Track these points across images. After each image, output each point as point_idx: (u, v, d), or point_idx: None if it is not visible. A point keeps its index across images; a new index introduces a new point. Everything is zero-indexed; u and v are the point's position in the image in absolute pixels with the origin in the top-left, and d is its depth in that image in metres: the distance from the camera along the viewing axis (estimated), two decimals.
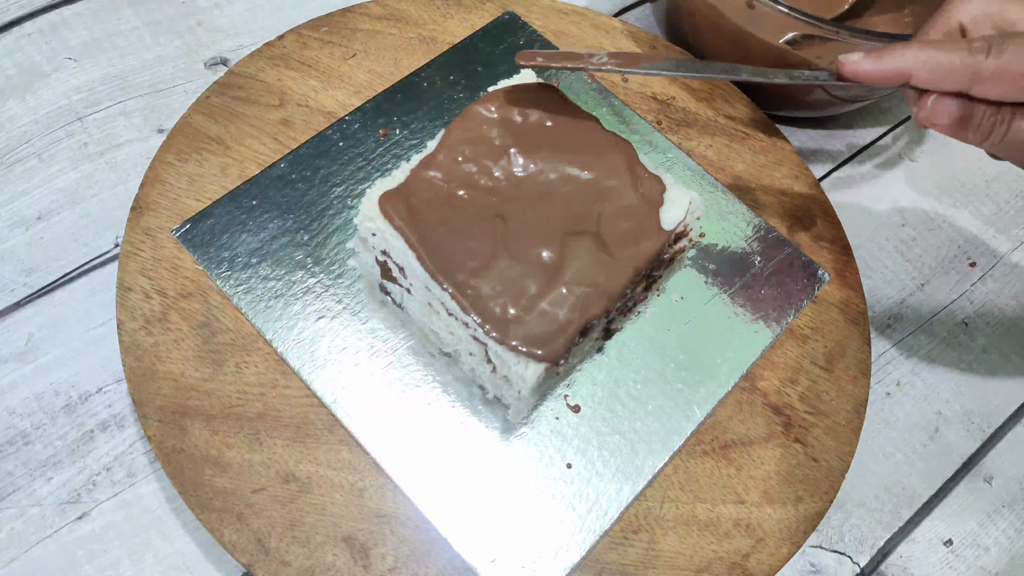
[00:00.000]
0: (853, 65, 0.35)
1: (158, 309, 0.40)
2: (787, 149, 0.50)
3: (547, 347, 0.34)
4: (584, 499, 0.38)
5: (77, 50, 0.51)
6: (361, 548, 0.36)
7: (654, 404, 0.40)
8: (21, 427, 0.40)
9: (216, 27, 0.53)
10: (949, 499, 0.44)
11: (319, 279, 0.42)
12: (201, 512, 0.36)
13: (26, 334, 0.42)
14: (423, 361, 0.40)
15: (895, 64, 0.34)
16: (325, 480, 0.37)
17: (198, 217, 0.42)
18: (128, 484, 0.39)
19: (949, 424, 0.46)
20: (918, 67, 0.33)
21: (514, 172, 0.37)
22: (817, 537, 0.42)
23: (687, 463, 0.40)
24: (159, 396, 0.38)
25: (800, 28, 0.43)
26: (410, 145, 0.46)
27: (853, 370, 0.43)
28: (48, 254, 0.44)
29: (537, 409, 0.40)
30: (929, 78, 0.33)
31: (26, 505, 0.38)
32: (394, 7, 0.51)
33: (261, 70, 0.47)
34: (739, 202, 0.47)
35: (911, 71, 0.33)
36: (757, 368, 0.42)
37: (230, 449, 0.37)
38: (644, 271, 0.37)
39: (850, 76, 0.35)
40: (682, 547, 0.38)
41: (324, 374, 0.39)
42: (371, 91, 0.48)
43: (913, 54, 0.33)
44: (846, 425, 0.42)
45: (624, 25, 0.53)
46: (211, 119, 0.45)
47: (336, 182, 0.44)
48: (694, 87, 0.51)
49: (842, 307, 0.45)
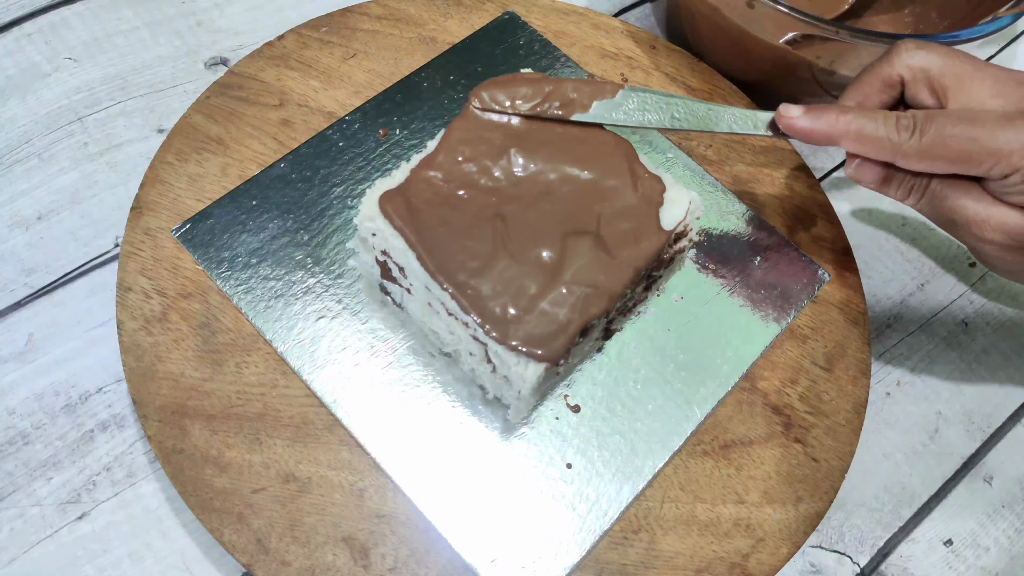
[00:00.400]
0: (790, 120, 0.37)
1: (158, 309, 0.40)
2: (787, 149, 0.50)
3: (547, 347, 0.34)
4: (584, 499, 0.38)
5: (77, 50, 0.51)
6: (361, 548, 0.36)
7: (654, 404, 0.40)
8: (21, 427, 0.40)
9: (216, 27, 0.53)
10: (949, 499, 0.44)
11: (319, 279, 0.42)
12: (201, 512, 0.36)
13: (26, 334, 0.42)
14: (423, 361, 0.40)
15: (827, 128, 0.36)
16: (325, 480, 0.37)
17: (198, 217, 0.42)
18: (128, 484, 0.39)
19: (949, 424, 0.46)
20: (848, 136, 0.35)
21: (514, 172, 0.37)
22: (817, 537, 0.42)
23: (687, 463, 0.40)
24: (159, 396, 0.38)
25: (800, 28, 0.43)
26: (410, 145, 0.46)
27: (853, 370, 0.43)
28: (48, 254, 0.44)
29: (537, 409, 0.40)
30: (856, 147, 0.36)
31: (26, 505, 0.38)
32: (394, 7, 0.51)
33: (261, 70, 0.47)
34: (739, 202, 0.47)
35: (840, 138, 0.36)
36: (757, 368, 0.42)
37: (230, 449, 0.37)
38: (644, 271, 0.37)
39: (785, 130, 0.37)
40: (682, 547, 0.38)
41: (324, 374, 0.39)
42: (371, 91, 0.48)
43: (845, 122, 0.35)
44: (846, 425, 0.42)
45: (624, 25, 0.53)
46: (211, 119, 0.45)
47: (336, 182, 0.44)
48: (694, 87, 0.51)
49: (842, 307, 0.45)
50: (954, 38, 0.42)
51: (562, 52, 0.51)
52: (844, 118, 0.35)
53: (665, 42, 0.53)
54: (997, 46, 0.62)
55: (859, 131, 0.35)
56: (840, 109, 0.36)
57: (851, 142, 0.36)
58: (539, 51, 0.51)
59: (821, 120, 0.36)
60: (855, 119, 0.35)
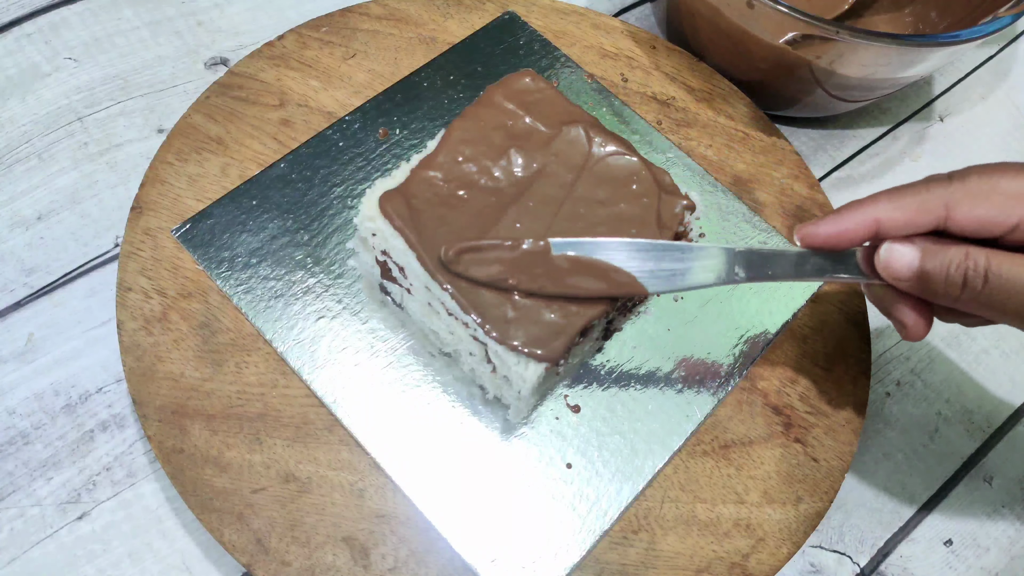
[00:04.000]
0: (811, 232, 0.33)
1: (158, 309, 0.40)
2: (787, 149, 0.50)
3: (547, 347, 0.34)
4: (584, 499, 0.38)
5: (77, 50, 0.51)
6: (361, 548, 0.36)
7: (654, 404, 0.40)
8: (21, 427, 0.40)
9: (216, 27, 0.53)
10: (949, 499, 0.44)
11: (319, 279, 0.42)
12: (201, 512, 0.36)
13: (26, 334, 0.42)
14: (423, 361, 0.40)
15: (864, 214, 0.31)
16: (325, 480, 0.37)
17: (198, 217, 0.42)
18: (128, 484, 0.39)
19: (949, 424, 0.46)
20: (886, 211, 0.31)
21: (514, 172, 0.37)
22: (817, 537, 0.42)
23: (687, 463, 0.40)
24: (159, 396, 0.38)
25: (800, 28, 0.43)
26: (410, 145, 0.46)
27: (853, 370, 0.43)
28: (48, 254, 0.44)
29: (537, 409, 0.40)
30: (896, 217, 0.31)
31: (26, 505, 0.38)
32: (394, 7, 0.51)
33: (261, 70, 0.47)
34: (739, 202, 0.47)
35: (879, 216, 0.31)
36: (757, 368, 0.42)
37: (230, 449, 0.37)
38: None
39: (817, 243, 0.33)
40: (682, 547, 0.38)
41: (324, 374, 0.39)
42: (371, 91, 0.48)
43: (878, 200, 0.31)
44: (846, 425, 0.42)
45: (624, 25, 0.53)
46: (211, 119, 0.45)
47: (336, 182, 0.44)
48: (694, 87, 0.51)
49: (842, 307, 0.45)
50: (954, 38, 0.42)
51: (562, 52, 0.51)
52: (876, 198, 0.31)
53: (665, 42, 0.53)
54: (997, 46, 0.62)
55: (896, 198, 0.31)
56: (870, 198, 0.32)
57: (890, 211, 0.31)
58: (539, 51, 0.51)
59: (856, 209, 0.31)
60: (887, 194, 0.32)
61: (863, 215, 0.31)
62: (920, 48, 0.42)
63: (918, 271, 0.31)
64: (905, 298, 0.33)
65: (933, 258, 0.31)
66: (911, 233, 0.31)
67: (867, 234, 0.32)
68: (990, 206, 0.30)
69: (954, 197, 0.30)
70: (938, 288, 0.31)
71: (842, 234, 0.32)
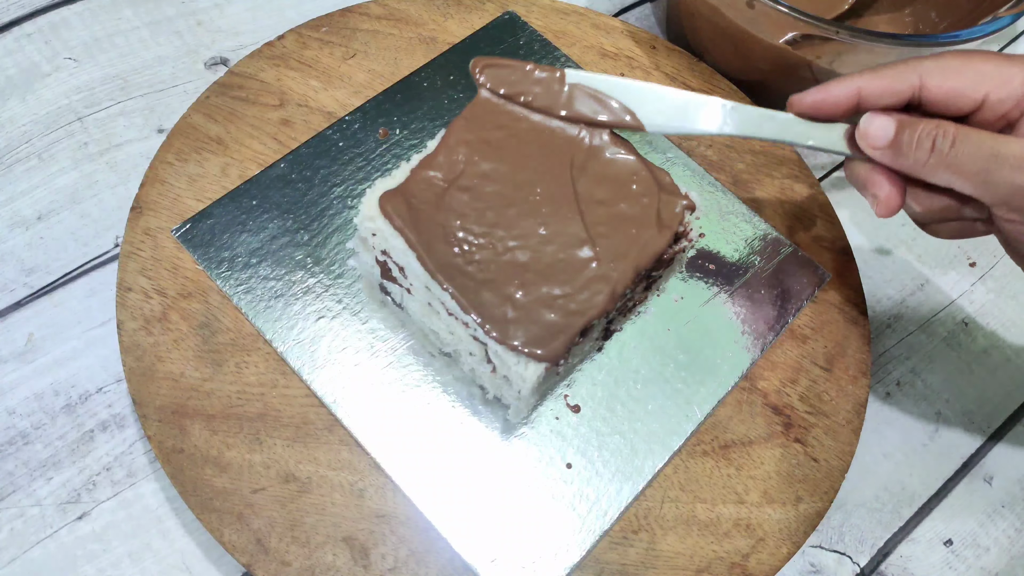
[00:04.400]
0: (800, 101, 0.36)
1: (158, 309, 0.40)
2: (787, 149, 0.50)
3: (547, 347, 0.34)
4: (584, 499, 0.38)
5: (77, 50, 0.51)
6: (361, 548, 0.36)
7: (654, 404, 0.40)
8: (21, 427, 0.40)
9: (216, 27, 0.53)
10: (949, 499, 0.44)
11: (319, 279, 0.42)
12: (201, 512, 0.36)
13: (26, 334, 0.42)
14: (423, 361, 0.40)
15: (847, 84, 0.34)
16: (325, 480, 0.37)
17: (198, 217, 0.42)
18: (128, 484, 0.39)
19: (949, 424, 0.46)
20: (867, 81, 0.34)
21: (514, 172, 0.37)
22: (817, 537, 0.42)
23: (687, 463, 0.40)
24: (159, 396, 0.38)
25: (800, 28, 0.43)
26: (410, 145, 0.46)
27: (853, 370, 0.43)
28: (48, 254, 0.44)
29: (537, 409, 0.40)
30: (876, 85, 0.34)
31: (26, 505, 0.38)
32: (394, 7, 0.51)
33: (261, 70, 0.47)
34: (739, 202, 0.47)
35: (858, 88, 0.34)
36: (757, 368, 0.42)
37: (230, 449, 0.37)
38: (645, 271, 0.37)
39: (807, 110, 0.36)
40: (682, 547, 0.38)
41: (324, 374, 0.39)
42: (371, 91, 0.48)
43: (861, 74, 0.34)
44: (846, 425, 0.42)
45: (624, 25, 0.53)
46: (211, 119, 0.45)
47: (336, 182, 0.44)
48: (694, 87, 0.51)
49: (842, 307, 0.45)
50: (954, 38, 0.42)
51: (562, 52, 0.51)
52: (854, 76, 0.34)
53: (665, 42, 0.53)
54: (997, 46, 0.62)
55: (874, 75, 0.34)
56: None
57: (869, 85, 0.34)
58: (539, 51, 0.51)
59: (833, 84, 0.35)
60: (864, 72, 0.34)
61: (846, 85, 0.34)
62: (920, 48, 0.42)
63: (893, 138, 0.34)
64: (880, 171, 0.35)
65: (907, 126, 0.34)
66: (889, 102, 0.34)
67: (849, 103, 0.35)
68: (960, 79, 0.33)
69: (928, 69, 0.33)
70: (909, 152, 0.33)
71: (827, 99, 0.35)
